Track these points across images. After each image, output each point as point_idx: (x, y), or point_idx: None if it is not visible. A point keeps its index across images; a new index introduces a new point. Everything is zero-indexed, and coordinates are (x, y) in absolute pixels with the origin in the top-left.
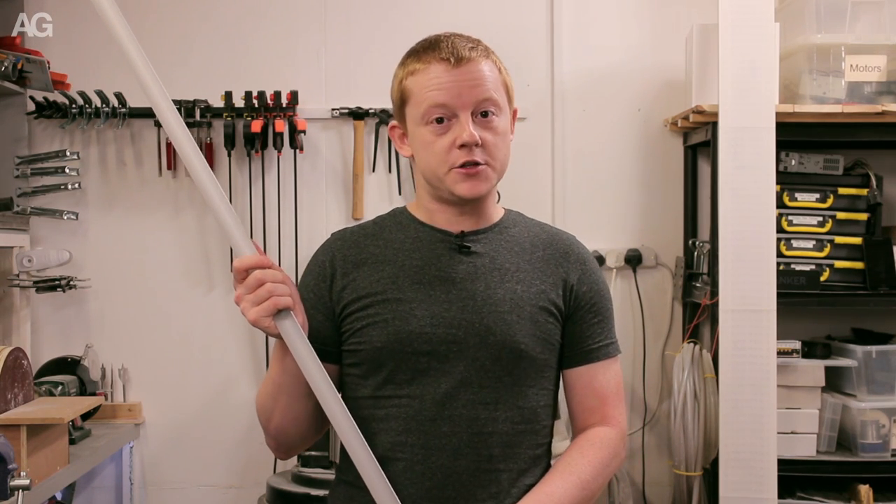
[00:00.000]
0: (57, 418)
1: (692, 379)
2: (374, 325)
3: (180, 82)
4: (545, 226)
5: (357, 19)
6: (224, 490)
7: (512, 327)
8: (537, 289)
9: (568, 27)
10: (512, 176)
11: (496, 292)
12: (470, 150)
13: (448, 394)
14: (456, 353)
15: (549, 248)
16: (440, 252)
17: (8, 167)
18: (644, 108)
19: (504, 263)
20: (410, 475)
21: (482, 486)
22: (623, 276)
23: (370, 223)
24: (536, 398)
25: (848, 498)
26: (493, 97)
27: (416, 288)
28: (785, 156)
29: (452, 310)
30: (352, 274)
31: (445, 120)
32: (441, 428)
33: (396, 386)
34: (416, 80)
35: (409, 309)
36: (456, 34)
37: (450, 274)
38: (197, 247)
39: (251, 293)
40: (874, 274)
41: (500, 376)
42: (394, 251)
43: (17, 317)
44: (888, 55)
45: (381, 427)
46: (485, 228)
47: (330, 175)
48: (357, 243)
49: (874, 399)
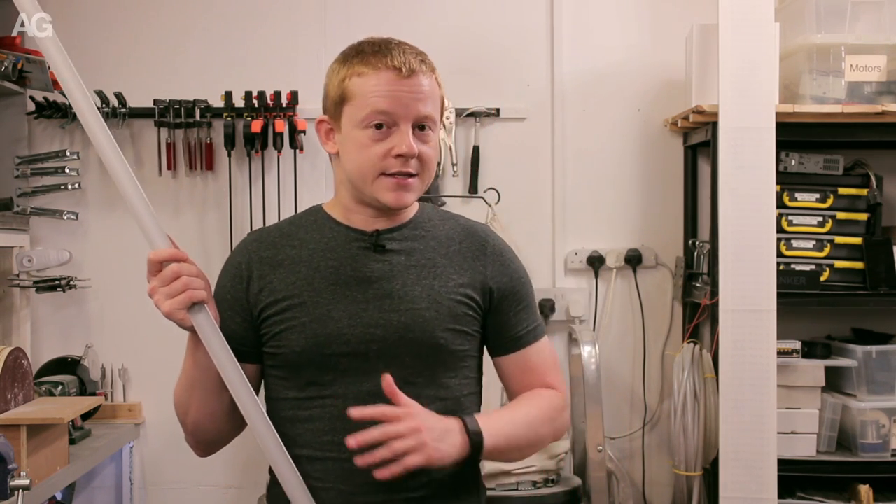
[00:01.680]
0: (57, 418)
1: (692, 379)
2: (292, 330)
3: (180, 82)
4: (460, 218)
5: (357, 19)
6: (224, 490)
7: (430, 323)
8: (454, 282)
9: (568, 27)
10: (512, 176)
11: (413, 289)
12: (406, 161)
13: (371, 392)
14: (376, 352)
15: (464, 241)
16: (355, 252)
17: (8, 167)
18: (644, 108)
19: (420, 260)
20: (340, 471)
21: (411, 476)
22: (623, 276)
23: (286, 222)
24: (459, 388)
25: (848, 498)
26: (432, 114)
27: (332, 289)
28: (785, 156)
29: (370, 309)
30: (268, 276)
31: (385, 127)
32: (365, 425)
33: (319, 387)
34: (362, 83)
35: (326, 311)
36: (405, 43)
37: (365, 274)
38: (197, 247)
39: (166, 286)
40: (874, 274)
41: (420, 371)
42: (309, 252)
43: (17, 317)
44: (888, 55)
45: (306, 427)
46: (399, 226)
47: (330, 175)
48: (273, 244)
49: (874, 399)
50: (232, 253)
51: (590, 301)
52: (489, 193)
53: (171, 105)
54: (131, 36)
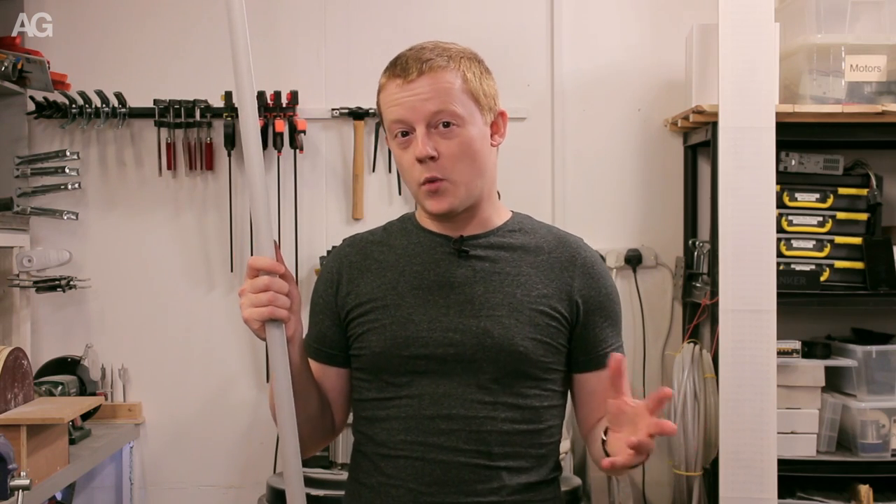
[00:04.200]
0: (57, 418)
1: (692, 379)
2: (374, 331)
3: (180, 82)
4: (553, 228)
5: (357, 19)
6: (224, 490)
7: (510, 330)
8: (538, 292)
9: (568, 27)
10: (512, 176)
11: (494, 296)
12: (426, 165)
13: (446, 393)
14: (454, 356)
15: (554, 251)
16: (439, 257)
17: (8, 167)
18: (644, 108)
19: (504, 267)
20: (412, 470)
21: (482, 482)
22: (623, 276)
23: (380, 229)
24: (539, 399)
25: (848, 498)
26: (448, 108)
27: (414, 293)
28: (785, 156)
29: (450, 314)
30: (357, 280)
31: (409, 134)
32: (439, 425)
33: (397, 388)
34: (383, 97)
35: (407, 314)
36: (425, 45)
37: (448, 279)
38: (197, 247)
39: (254, 293)
40: (874, 274)
41: (496, 378)
42: (396, 257)
43: (17, 317)
44: (888, 55)
45: (383, 427)
46: (486, 233)
47: (330, 175)
48: (364, 249)
49: (874, 399)
50: (327, 259)
51: None
52: None
53: (171, 105)
54: (131, 36)
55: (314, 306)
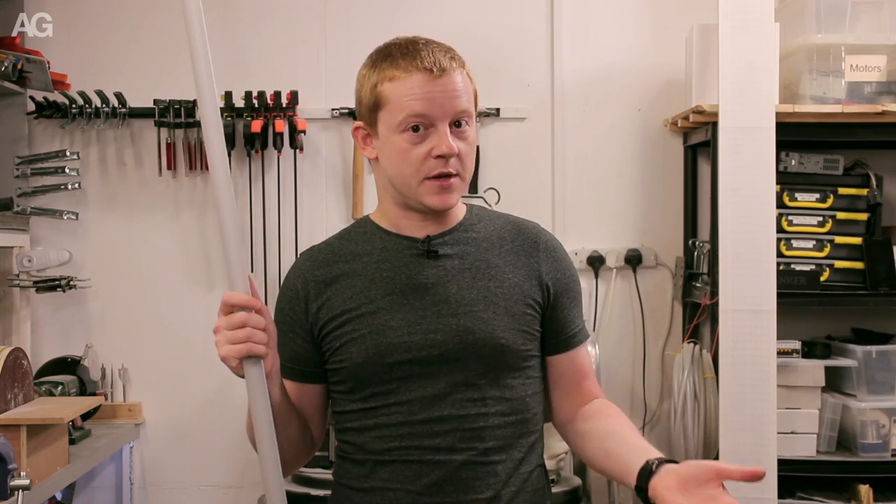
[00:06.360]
0: (57, 418)
1: (692, 379)
2: (353, 342)
3: (180, 82)
4: (509, 217)
5: (357, 19)
6: (224, 490)
7: (490, 324)
8: (510, 282)
9: (568, 27)
10: (512, 176)
11: (469, 292)
12: (446, 161)
13: (436, 396)
14: (438, 357)
15: (516, 239)
16: (408, 260)
17: (8, 167)
18: (644, 108)
19: (474, 262)
20: (409, 473)
21: (480, 479)
22: (623, 276)
23: (335, 238)
24: (524, 388)
25: (848, 498)
26: (468, 108)
27: (388, 299)
28: (785, 156)
29: (428, 316)
30: (325, 293)
31: (422, 129)
32: (433, 428)
33: (383, 396)
34: (395, 88)
35: (384, 321)
36: (432, 41)
37: (420, 280)
38: (197, 247)
39: (230, 330)
40: (874, 274)
41: (483, 373)
42: (363, 264)
43: (17, 317)
44: (888, 55)
45: (373, 435)
46: (450, 230)
47: (330, 175)
48: (325, 262)
49: (874, 399)
50: (287, 276)
51: (590, 301)
52: (489, 193)
53: (171, 105)
54: (131, 36)
55: (281, 325)
